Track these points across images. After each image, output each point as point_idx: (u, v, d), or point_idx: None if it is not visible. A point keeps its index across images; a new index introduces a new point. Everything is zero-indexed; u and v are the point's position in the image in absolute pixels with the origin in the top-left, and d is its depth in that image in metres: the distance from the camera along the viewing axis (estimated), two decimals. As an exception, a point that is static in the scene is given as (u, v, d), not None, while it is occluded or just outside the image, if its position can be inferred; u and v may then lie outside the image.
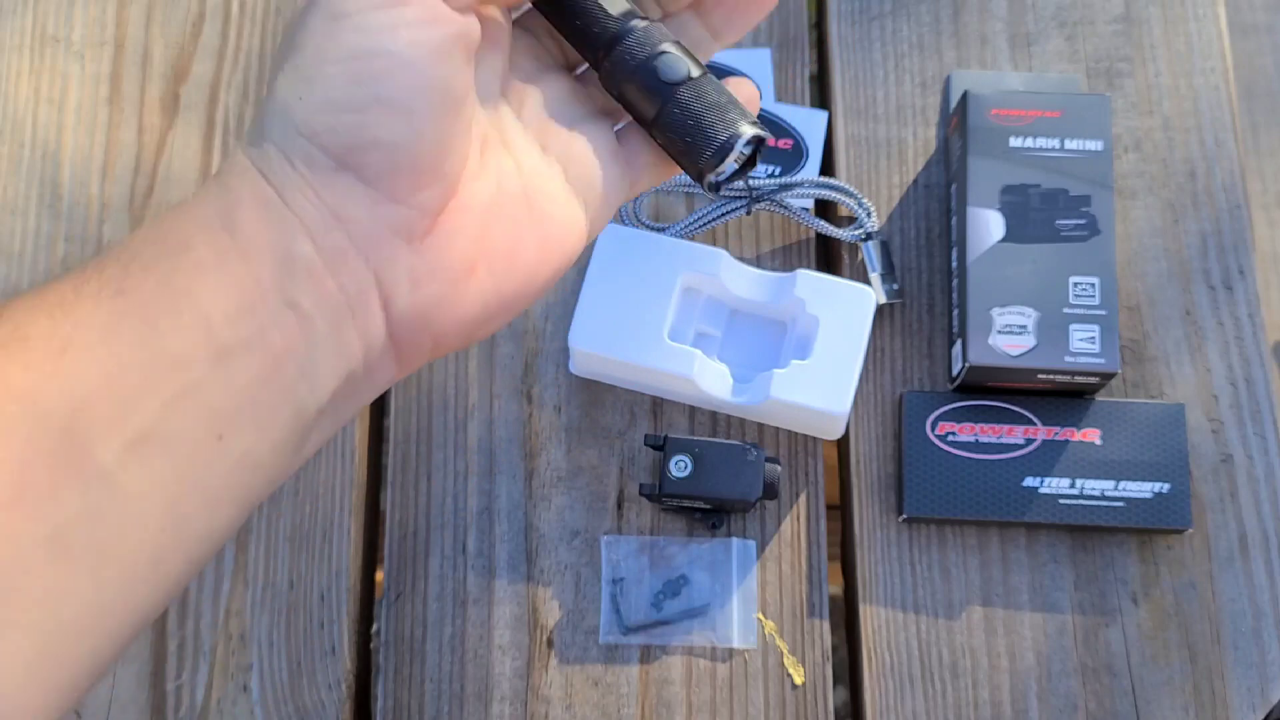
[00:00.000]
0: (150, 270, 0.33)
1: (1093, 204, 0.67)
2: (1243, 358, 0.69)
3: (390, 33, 0.34)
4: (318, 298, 0.35)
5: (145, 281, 0.33)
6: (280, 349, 0.34)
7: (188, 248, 0.34)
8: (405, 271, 0.36)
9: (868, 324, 0.65)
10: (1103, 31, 0.76)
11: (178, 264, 0.33)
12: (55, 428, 0.31)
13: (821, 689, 0.65)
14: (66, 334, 0.32)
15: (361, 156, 0.35)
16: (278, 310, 0.34)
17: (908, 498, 0.66)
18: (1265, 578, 0.66)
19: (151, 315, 0.33)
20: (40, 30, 0.76)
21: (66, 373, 0.31)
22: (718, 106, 0.39)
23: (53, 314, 0.32)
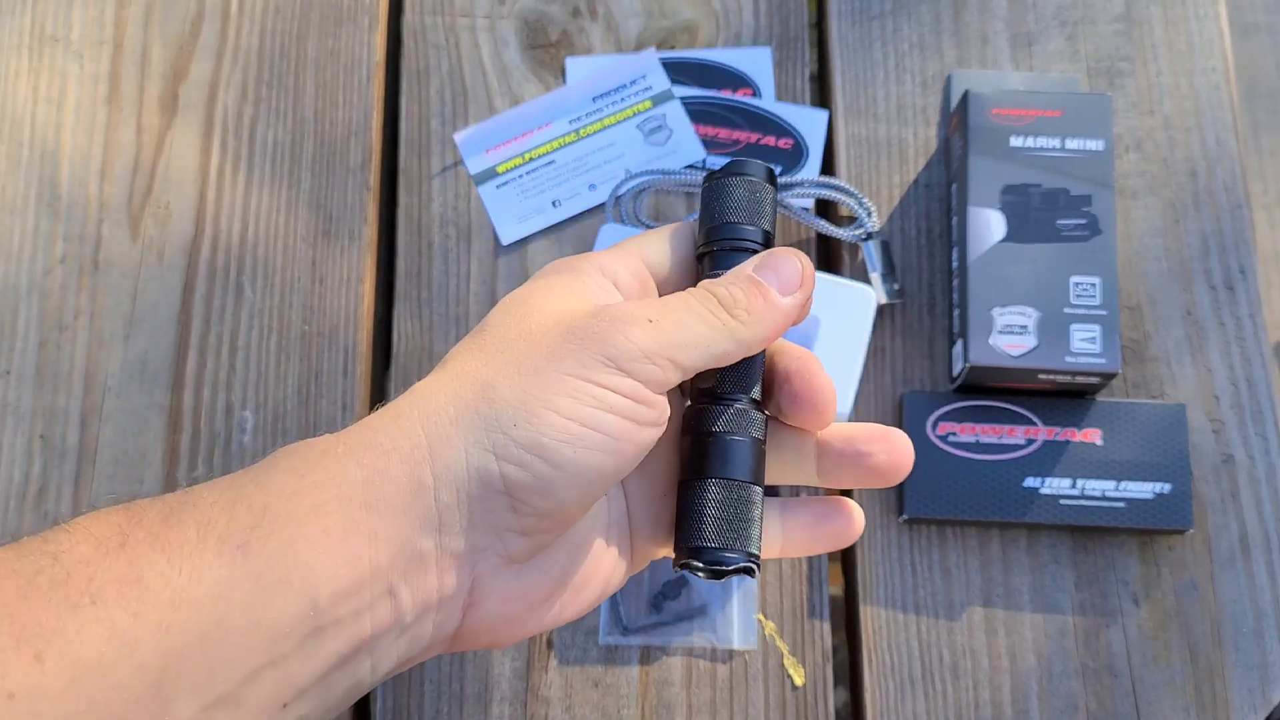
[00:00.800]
0: (277, 529, 0.34)
1: (1094, 204, 0.66)
2: (1244, 358, 0.69)
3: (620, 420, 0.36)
4: (416, 591, 0.35)
5: (269, 542, 0.33)
6: (366, 634, 0.35)
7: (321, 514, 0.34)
8: (499, 588, 0.37)
9: (868, 324, 0.65)
10: (1103, 31, 0.75)
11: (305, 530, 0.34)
12: (147, 683, 0.31)
13: (822, 690, 0.65)
14: (181, 587, 0.32)
15: (530, 499, 0.36)
16: (379, 596, 0.35)
17: (908, 498, 0.66)
18: (1266, 578, 0.66)
19: (266, 583, 0.33)
20: (39, 30, 0.76)
21: (170, 628, 0.32)
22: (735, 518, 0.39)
23: (172, 558, 0.32)
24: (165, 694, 0.31)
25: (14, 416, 0.68)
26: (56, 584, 0.31)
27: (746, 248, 0.40)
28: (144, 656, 0.31)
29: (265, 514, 0.34)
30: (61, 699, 0.30)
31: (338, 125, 0.74)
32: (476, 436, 0.35)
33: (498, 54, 0.76)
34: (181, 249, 0.72)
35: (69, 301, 0.71)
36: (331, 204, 0.73)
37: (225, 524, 0.33)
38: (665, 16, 0.77)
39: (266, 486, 0.35)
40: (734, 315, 0.38)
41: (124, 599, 0.31)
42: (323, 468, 0.35)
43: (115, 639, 0.31)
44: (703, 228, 0.41)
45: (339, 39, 0.76)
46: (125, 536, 0.33)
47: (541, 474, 0.35)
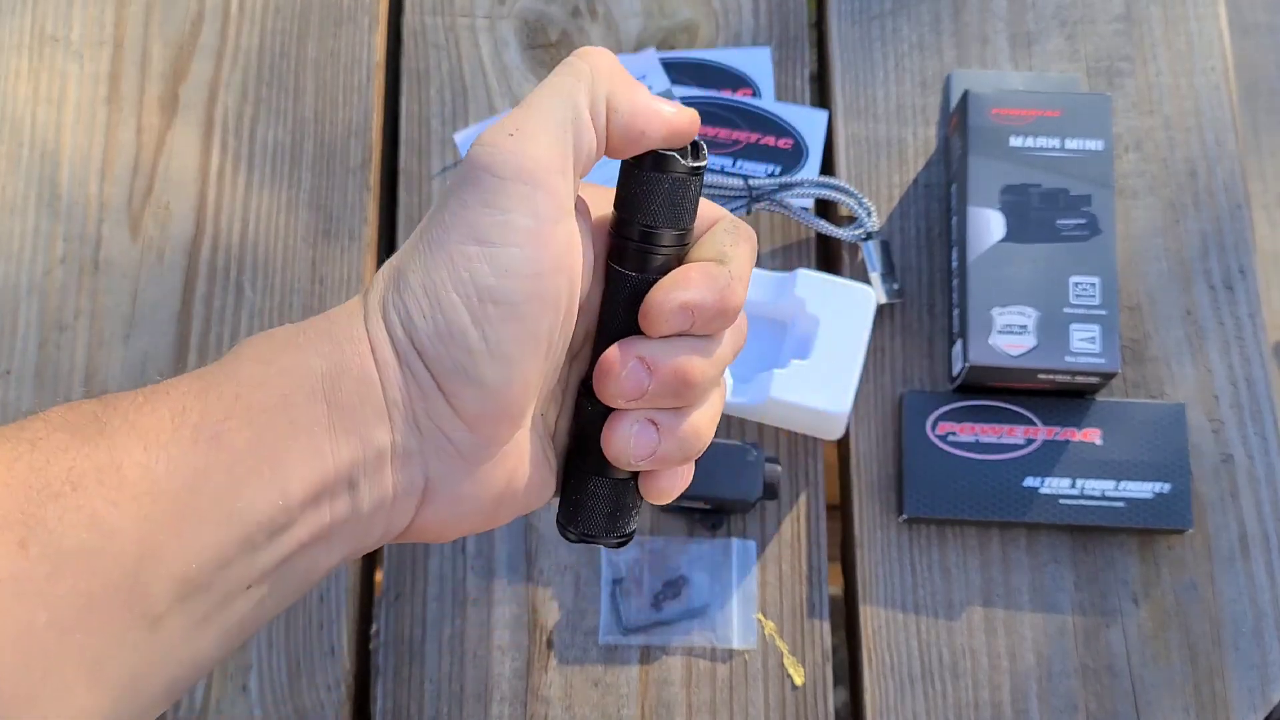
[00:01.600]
0: (249, 422, 0.34)
1: (1093, 204, 0.66)
2: (1243, 357, 0.69)
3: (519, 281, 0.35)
4: (374, 486, 0.36)
5: (242, 433, 0.34)
6: (327, 524, 0.36)
7: (288, 405, 0.35)
8: (452, 488, 0.38)
9: (868, 324, 0.65)
10: (1103, 31, 0.75)
11: (275, 422, 0.35)
12: (125, 569, 0.32)
13: (821, 689, 0.65)
14: (159, 476, 0.33)
15: (458, 389, 0.36)
16: (340, 490, 0.36)
17: (908, 498, 0.66)
18: (1266, 578, 0.66)
19: (239, 475, 0.34)
20: (39, 30, 0.76)
21: (149, 516, 0.33)
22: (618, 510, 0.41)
23: (148, 445, 0.33)
24: (142, 580, 0.33)
25: (14, 416, 0.68)
26: (36, 470, 0.32)
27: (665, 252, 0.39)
28: (123, 544, 0.32)
29: (237, 403, 0.34)
30: (45, 584, 0.31)
31: (338, 125, 0.74)
32: (399, 333, 0.36)
33: (498, 54, 0.76)
34: (181, 249, 0.72)
35: (69, 301, 0.71)
36: (331, 204, 0.73)
37: (199, 412, 0.34)
38: (665, 16, 0.77)
39: (236, 375, 0.35)
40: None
41: (103, 487, 0.32)
42: (287, 355, 0.36)
43: (96, 527, 0.32)
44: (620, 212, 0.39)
45: (339, 39, 0.76)
46: (102, 424, 0.34)
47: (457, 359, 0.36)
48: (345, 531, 0.36)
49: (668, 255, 0.39)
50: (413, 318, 0.36)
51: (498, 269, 0.35)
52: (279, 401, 0.35)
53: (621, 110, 0.38)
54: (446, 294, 0.35)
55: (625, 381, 0.38)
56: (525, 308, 0.36)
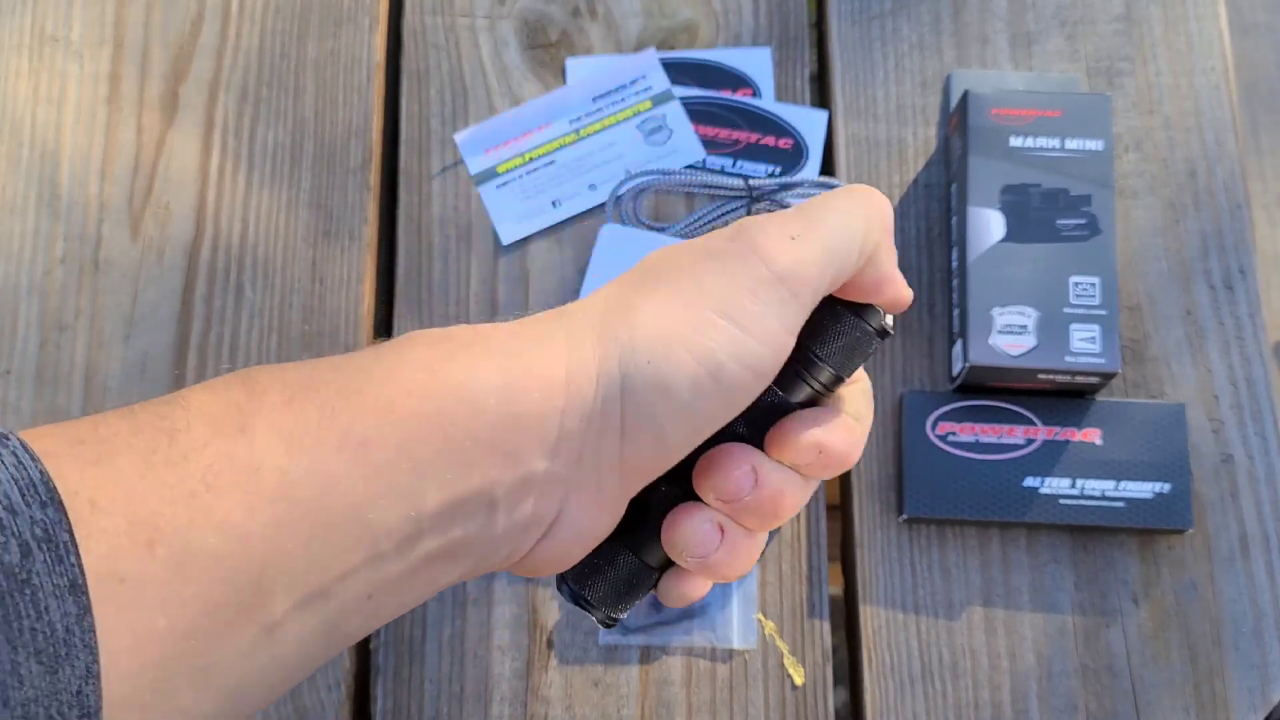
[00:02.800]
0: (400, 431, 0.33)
1: (1093, 204, 0.66)
2: (1243, 358, 0.69)
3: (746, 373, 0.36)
4: (513, 511, 0.35)
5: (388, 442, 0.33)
6: (458, 543, 0.35)
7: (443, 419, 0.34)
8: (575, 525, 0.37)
9: (868, 324, 0.65)
10: (1103, 31, 0.75)
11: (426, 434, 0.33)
12: (250, 576, 0.32)
13: (821, 689, 0.65)
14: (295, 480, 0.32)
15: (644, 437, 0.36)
16: (478, 509, 0.35)
17: (908, 498, 0.66)
18: (1266, 578, 0.66)
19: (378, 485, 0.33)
20: (39, 29, 0.76)
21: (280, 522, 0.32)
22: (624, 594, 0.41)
23: (290, 448, 0.32)
24: (266, 587, 0.32)
25: (14, 417, 0.68)
26: (173, 465, 0.31)
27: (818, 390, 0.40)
28: (251, 551, 0.31)
29: (391, 411, 0.33)
30: (168, 586, 0.30)
31: (338, 126, 0.74)
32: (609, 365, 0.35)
33: (498, 54, 0.76)
34: (181, 249, 0.72)
35: (69, 302, 0.71)
36: (332, 204, 0.73)
37: (348, 417, 0.33)
38: (665, 16, 0.77)
39: (394, 378, 0.34)
40: None
41: (238, 491, 0.31)
42: (457, 366, 0.35)
43: (226, 531, 0.31)
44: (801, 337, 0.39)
45: (339, 39, 0.76)
46: (245, 417, 0.32)
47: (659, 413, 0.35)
48: (475, 550, 0.36)
49: (815, 394, 0.40)
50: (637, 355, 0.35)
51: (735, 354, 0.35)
52: (435, 412, 0.34)
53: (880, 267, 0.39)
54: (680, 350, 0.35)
55: (731, 483, 0.38)
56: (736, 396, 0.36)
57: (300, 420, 0.33)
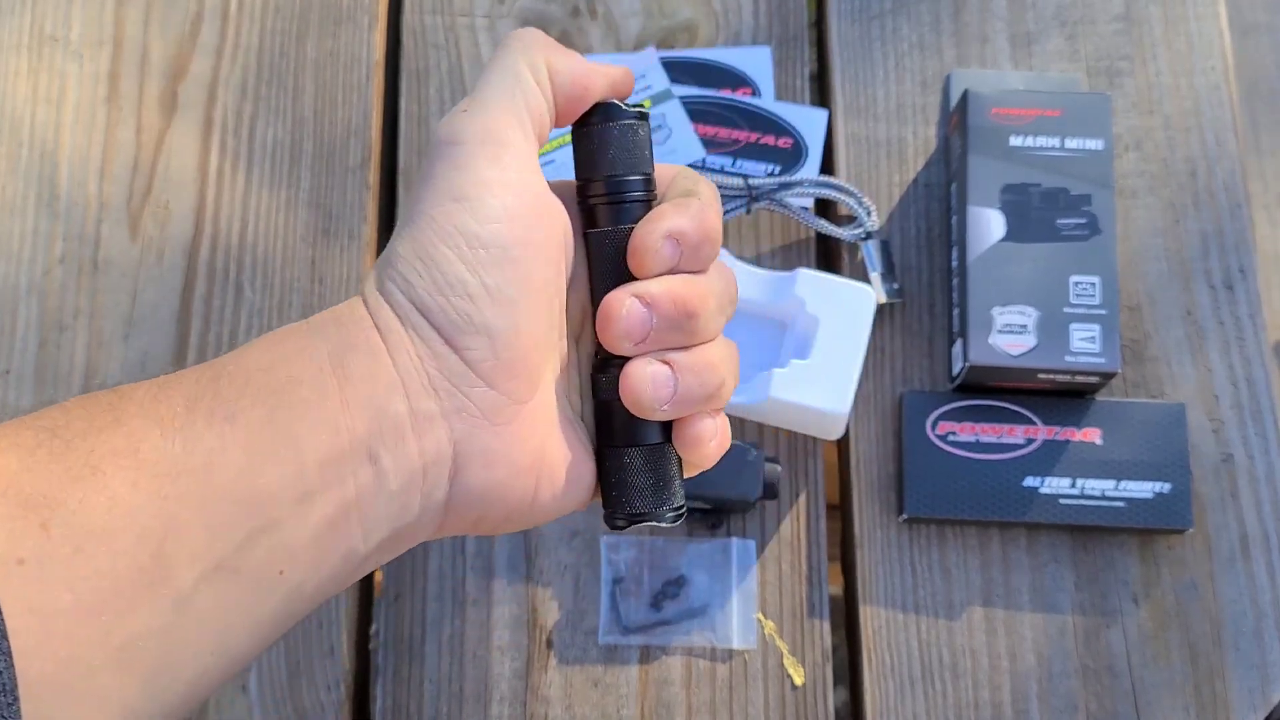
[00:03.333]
0: (260, 402, 0.35)
1: (1093, 203, 0.66)
2: (1243, 357, 0.69)
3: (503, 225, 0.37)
4: (398, 456, 0.36)
5: (254, 412, 0.35)
6: (352, 498, 0.36)
7: (297, 383, 0.36)
8: (481, 450, 0.38)
9: (868, 324, 0.65)
10: (1103, 31, 0.75)
11: (286, 400, 0.35)
12: (149, 550, 0.33)
13: (821, 689, 0.65)
14: (176, 456, 0.34)
15: (466, 339, 0.37)
16: (361, 462, 0.36)
17: (908, 498, 0.66)
18: (1266, 578, 0.66)
19: (255, 450, 0.35)
20: (38, 29, 0.76)
21: (168, 496, 0.33)
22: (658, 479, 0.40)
23: (164, 430, 0.34)
24: (166, 561, 0.33)
25: (14, 416, 0.68)
26: (56, 456, 0.33)
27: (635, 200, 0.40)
28: (145, 524, 0.33)
29: (248, 387, 0.35)
30: (68, 565, 0.32)
31: (337, 125, 0.74)
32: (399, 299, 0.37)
33: (497, 54, 0.76)
34: (181, 249, 0.72)
35: (68, 301, 0.70)
36: (331, 203, 0.73)
37: (212, 397, 0.35)
38: (665, 16, 0.77)
39: (245, 363, 0.36)
40: None
41: (122, 470, 0.33)
42: (292, 342, 0.37)
43: (116, 508, 0.32)
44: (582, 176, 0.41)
45: (338, 39, 0.76)
46: (118, 413, 0.34)
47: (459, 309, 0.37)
48: (378, 510, 0.37)
49: (636, 203, 0.40)
50: (409, 280, 0.37)
51: (479, 217, 0.37)
52: (287, 382, 0.36)
53: (562, 71, 0.40)
54: (436, 249, 0.37)
55: (627, 320, 0.38)
56: (516, 251, 0.37)
57: (168, 408, 0.35)
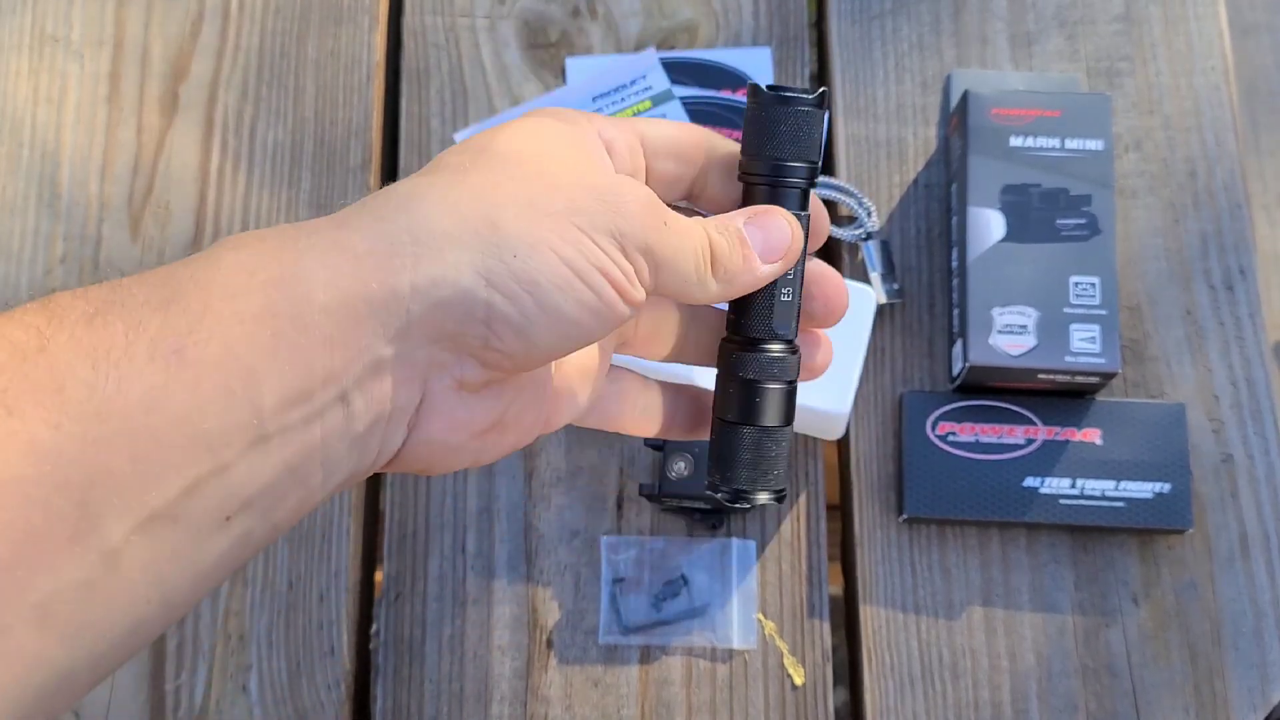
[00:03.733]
0: (220, 334, 0.31)
1: (1093, 203, 0.66)
2: (1243, 358, 0.69)
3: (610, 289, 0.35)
4: (370, 400, 0.34)
5: (210, 347, 0.31)
6: (315, 441, 0.33)
7: (272, 315, 0.32)
8: (446, 411, 0.36)
9: (868, 324, 0.65)
10: (1103, 31, 0.76)
11: (253, 333, 0.31)
12: (71, 499, 0.29)
13: (821, 689, 0.65)
14: (107, 395, 0.30)
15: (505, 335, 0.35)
16: (331, 403, 0.33)
17: (908, 498, 0.66)
18: (1266, 578, 0.66)
19: (204, 391, 0.31)
20: (39, 29, 0.76)
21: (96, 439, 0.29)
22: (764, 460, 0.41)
23: (97, 363, 0.30)
24: (92, 511, 0.30)
25: (14, 416, 0.68)
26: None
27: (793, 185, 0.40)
28: (67, 471, 0.29)
29: (205, 315, 0.31)
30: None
31: (338, 125, 0.74)
32: (471, 258, 0.34)
33: (498, 54, 0.76)
34: (182, 249, 0.72)
35: (69, 301, 0.70)
36: (332, 204, 0.73)
37: (159, 326, 0.31)
38: (665, 16, 0.77)
39: (209, 285, 0.32)
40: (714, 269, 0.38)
41: (43, 409, 0.29)
42: (279, 264, 0.33)
43: (33, 452, 0.29)
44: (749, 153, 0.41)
45: (339, 39, 0.76)
46: (45, 340, 0.30)
47: (527, 311, 0.35)
48: (340, 452, 0.34)
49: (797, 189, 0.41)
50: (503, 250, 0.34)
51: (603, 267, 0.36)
52: (259, 311, 0.32)
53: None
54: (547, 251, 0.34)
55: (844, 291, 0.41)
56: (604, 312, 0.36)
57: (104, 336, 0.30)
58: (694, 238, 0.38)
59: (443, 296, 0.34)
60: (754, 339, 0.41)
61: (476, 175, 0.36)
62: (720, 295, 0.39)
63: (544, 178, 0.36)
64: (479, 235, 0.34)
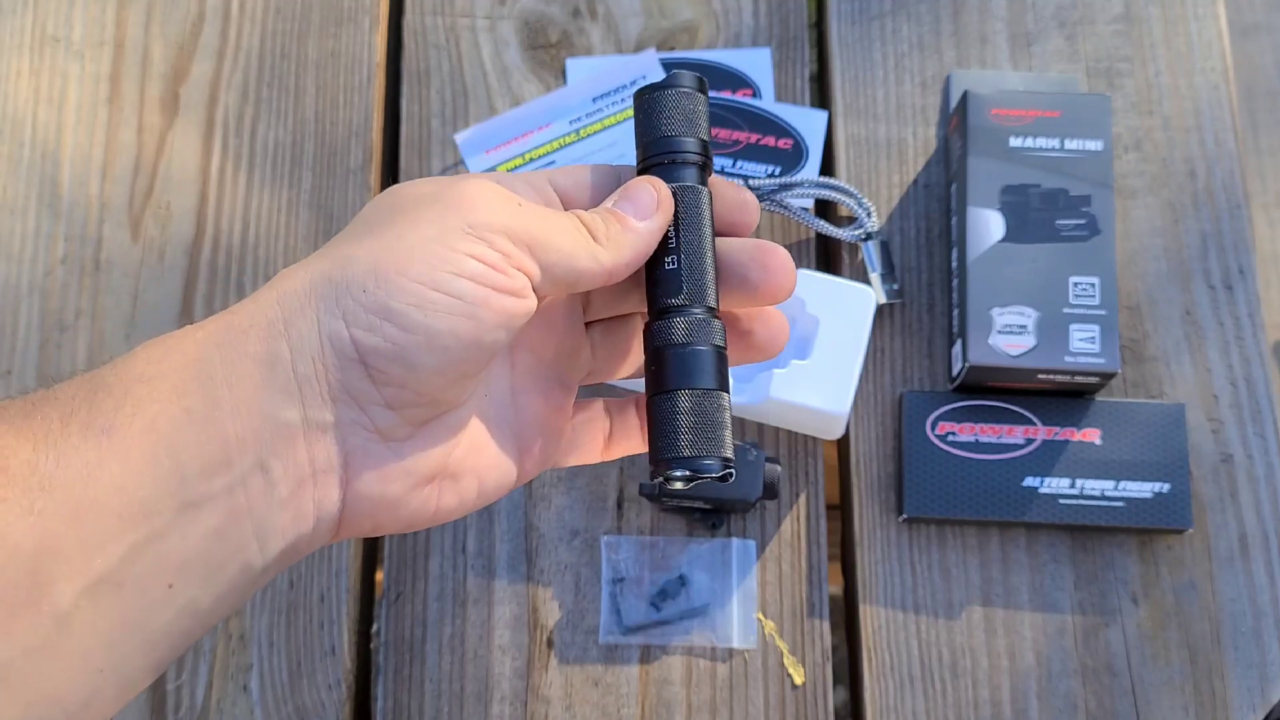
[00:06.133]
0: (140, 411, 0.34)
1: (1093, 204, 0.66)
2: (1243, 357, 0.69)
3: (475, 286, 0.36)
4: (288, 465, 0.36)
5: (134, 424, 0.34)
6: (242, 507, 0.35)
7: (182, 394, 0.34)
8: (375, 464, 0.37)
9: (868, 324, 0.65)
10: (1103, 31, 0.76)
11: (169, 410, 0.34)
12: (22, 566, 0.32)
13: (821, 689, 0.65)
14: (48, 471, 0.32)
15: (385, 366, 0.36)
16: (249, 470, 0.35)
17: (908, 498, 0.66)
18: (1265, 578, 0.66)
19: (133, 462, 0.33)
20: (40, 30, 0.76)
21: (41, 511, 0.32)
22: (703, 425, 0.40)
23: (37, 445, 0.33)
24: (42, 577, 0.32)
25: (15, 416, 0.69)
26: None
27: (689, 161, 0.41)
28: (16, 539, 0.32)
29: (127, 398, 0.34)
30: None
31: (338, 126, 0.74)
32: (328, 305, 0.36)
33: (498, 54, 0.76)
34: (182, 249, 0.72)
35: (70, 302, 0.71)
36: (332, 204, 0.73)
37: (87, 411, 0.34)
38: (665, 17, 0.77)
39: (126, 374, 0.35)
40: (594, 237, 0.39)
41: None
42: (180, 351, 0.35)
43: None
44: (640, 143, 0.41)
45: (339, 39, 0.76)
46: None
47: (392, 337, 0.35)
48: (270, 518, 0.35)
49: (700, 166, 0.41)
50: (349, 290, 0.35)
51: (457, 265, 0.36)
52: (170, 392, 0.34)
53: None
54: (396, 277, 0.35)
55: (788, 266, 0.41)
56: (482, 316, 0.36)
57: (41, 424, 0.33)
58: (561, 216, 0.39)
59: (314, 348, 0.36)
60: (663, 309, 0.40)
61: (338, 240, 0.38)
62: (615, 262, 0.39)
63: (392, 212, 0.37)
64: (331, 283, 0.36)
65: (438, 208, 0.37)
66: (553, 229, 0.38)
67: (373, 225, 0.37)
